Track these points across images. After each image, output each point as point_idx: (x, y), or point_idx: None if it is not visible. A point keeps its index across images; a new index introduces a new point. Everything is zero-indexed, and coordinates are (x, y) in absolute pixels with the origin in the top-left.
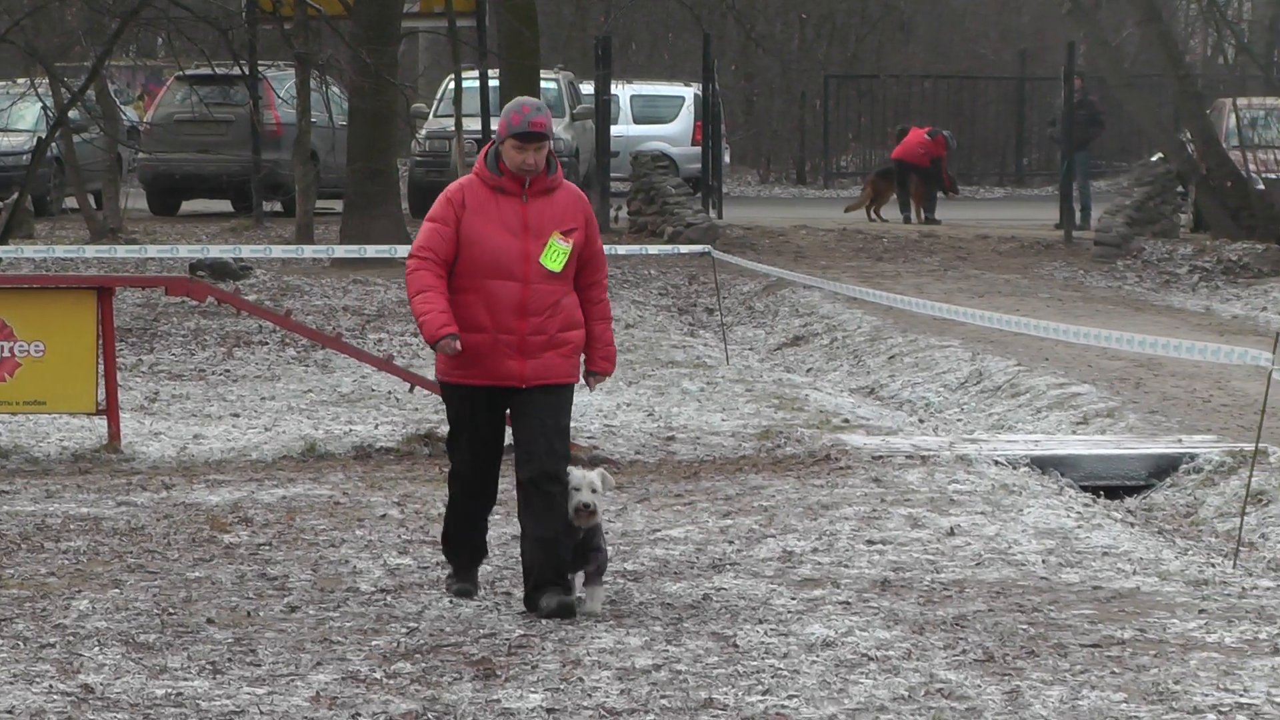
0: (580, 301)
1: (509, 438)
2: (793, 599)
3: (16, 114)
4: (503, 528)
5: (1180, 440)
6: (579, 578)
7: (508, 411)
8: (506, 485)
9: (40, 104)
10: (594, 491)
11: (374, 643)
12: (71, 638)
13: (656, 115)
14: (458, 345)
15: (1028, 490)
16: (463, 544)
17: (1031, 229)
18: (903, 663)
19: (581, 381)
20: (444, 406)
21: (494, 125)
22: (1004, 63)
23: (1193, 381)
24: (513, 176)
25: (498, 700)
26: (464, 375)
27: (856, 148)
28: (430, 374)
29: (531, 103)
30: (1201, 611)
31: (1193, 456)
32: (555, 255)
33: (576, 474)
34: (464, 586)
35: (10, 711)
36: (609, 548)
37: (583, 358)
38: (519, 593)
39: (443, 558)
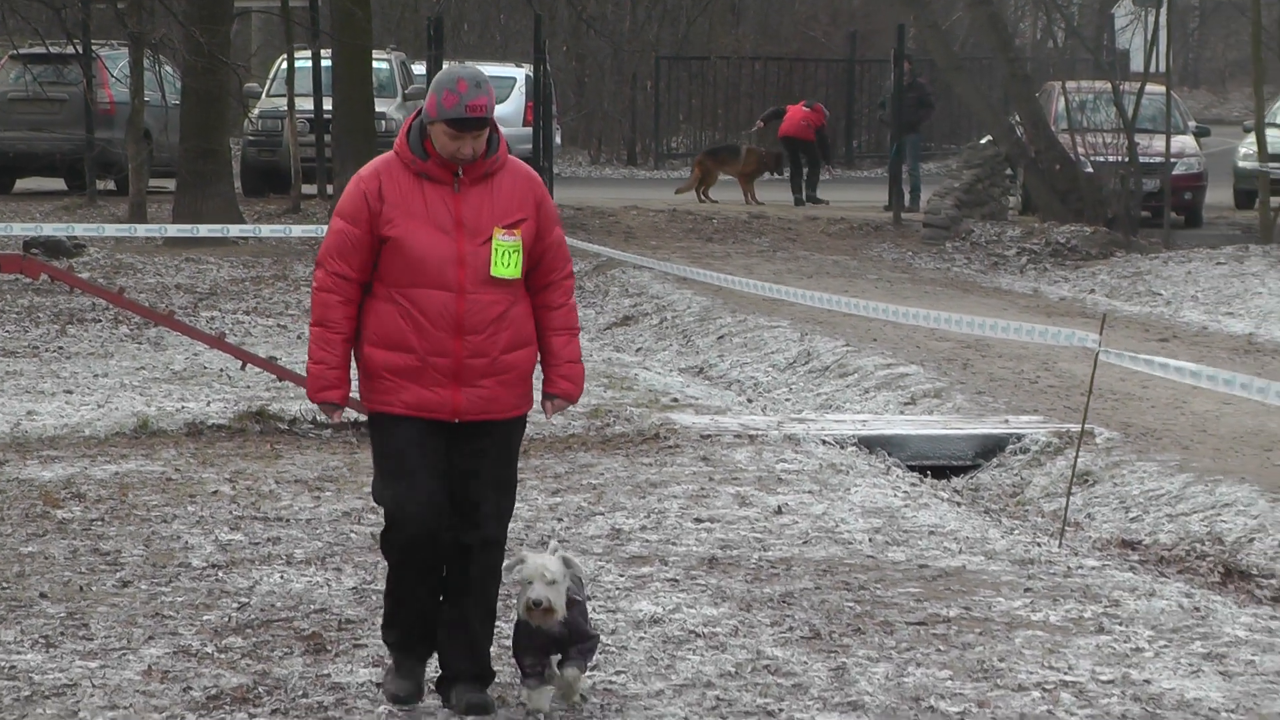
0: (534, 308)
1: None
2: (621, 576)
3: None
4: (334, 504)
5: (1007, 421)
6: (554, 658)
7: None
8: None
9: None
10: (550, 583)
11: (205, 617)
12: None
13: None
14: (335, 418)
15: (855, 470)
16: (409, 628)
17: (861, 211)
18: (730, 639)
19: (536, 407)
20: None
21: (326, 103)
22: (834, 45)
23: (1020, 363)
24: (442, 162)
25: (328, 675)
26: (385, 403)
27: (687, 129)
28: (262, 351)
29: (469, 77)
30: (1027, 590)
31: (1019, 437)
32: (507, 259)
33: (531, 563)
34: (404, 686)
35: None
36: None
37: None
38: (349, 569)
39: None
